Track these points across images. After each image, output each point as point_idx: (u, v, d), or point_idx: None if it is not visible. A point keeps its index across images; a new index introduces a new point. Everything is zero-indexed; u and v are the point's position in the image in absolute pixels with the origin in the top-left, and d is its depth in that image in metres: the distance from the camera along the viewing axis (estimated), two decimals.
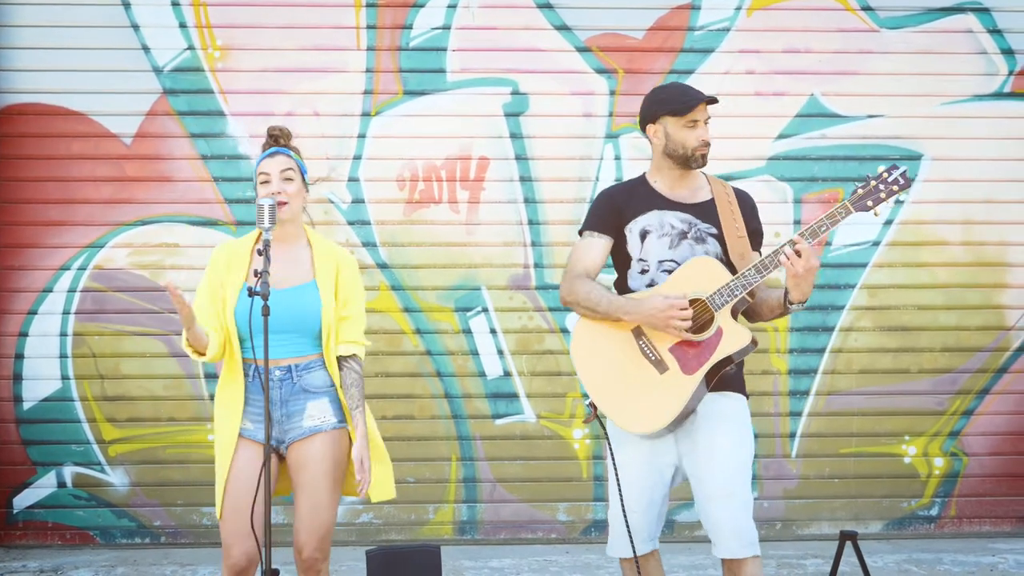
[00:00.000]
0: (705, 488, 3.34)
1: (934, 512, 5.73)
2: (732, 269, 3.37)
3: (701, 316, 3.29)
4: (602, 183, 5.57)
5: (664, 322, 3.27)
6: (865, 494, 5.70)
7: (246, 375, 3.46)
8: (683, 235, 3.44)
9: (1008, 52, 5.66)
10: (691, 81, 5.48)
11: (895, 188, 3.28)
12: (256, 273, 3.14)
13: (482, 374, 5.59)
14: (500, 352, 5.59)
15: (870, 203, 3.29)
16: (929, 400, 5.70)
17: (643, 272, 3.46)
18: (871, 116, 5.65)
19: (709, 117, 3.46)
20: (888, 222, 5.67)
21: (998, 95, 5.67)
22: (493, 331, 5.59)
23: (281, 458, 3.50)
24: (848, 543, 4.03)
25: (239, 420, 3.44)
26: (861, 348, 5.66)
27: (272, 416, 3.42)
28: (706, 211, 3.46)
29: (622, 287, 3.52)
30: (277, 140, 3.55)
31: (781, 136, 5.63)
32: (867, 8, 5.62)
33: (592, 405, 3.44)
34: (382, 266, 5.54)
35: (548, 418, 5.61)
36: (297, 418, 3.42)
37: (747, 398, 3.48)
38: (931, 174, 5.67)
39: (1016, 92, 5.68)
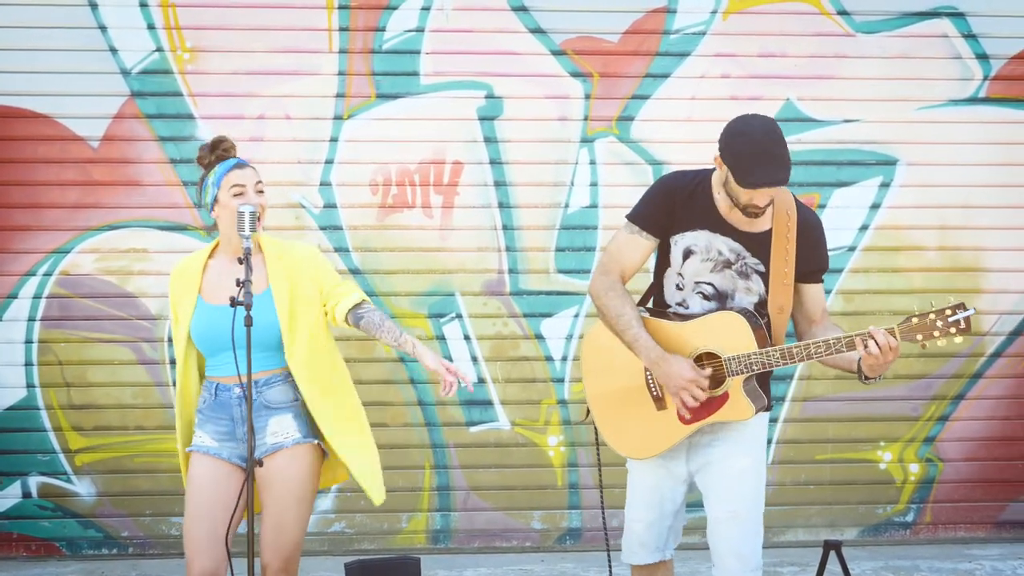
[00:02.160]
0: (713, 509, 3.32)
1: (910, 518, 5.82)
2: (763, 312, 3.26)
3: (715, 369, 3.22)
4: (577, 188, 5.64)
5: (677, 389, 3.20)
6: (841, 500, 5.78)
7: (205, 392, 3.46)
8: (728, 264, 3.29)
9: (983, 57, 5.75)
10: (666, 85, 5.64)
11: (952, 331, 3.04)
12: (238, 283, 3.17)
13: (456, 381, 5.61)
14: (474, 359, 5.63)
15: (920, 337, 3.08)
16: (904, 406, 5.79)
17: (678, 288, 3.36)
18: (847, 121, 5.73)
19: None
20: (864, 227, 5.76)
21: (973, 100, 5.77)
22: (467, 337, 5.63)
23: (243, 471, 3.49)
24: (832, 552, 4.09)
25: (190, 435, 3.48)
26: None
27: (235, 434, 3.44)
28: (760, 244, 3.26)
29: (657, 284, 3.43)
30: (234, 152, 3.57)
31: None
32: (843, 12, 5.71)
33: (588, 411, 3.49)
34: (354, 271, 5.57)
35: (523, 425, 5.66)
36: (259, 435, 3.41)
37: (770, 408, 3.38)
38: (907, 179, 5.76)
39: (991, 97, 5.77)
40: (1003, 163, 5.78)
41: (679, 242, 3.33)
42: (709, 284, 3.32)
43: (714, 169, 3.31)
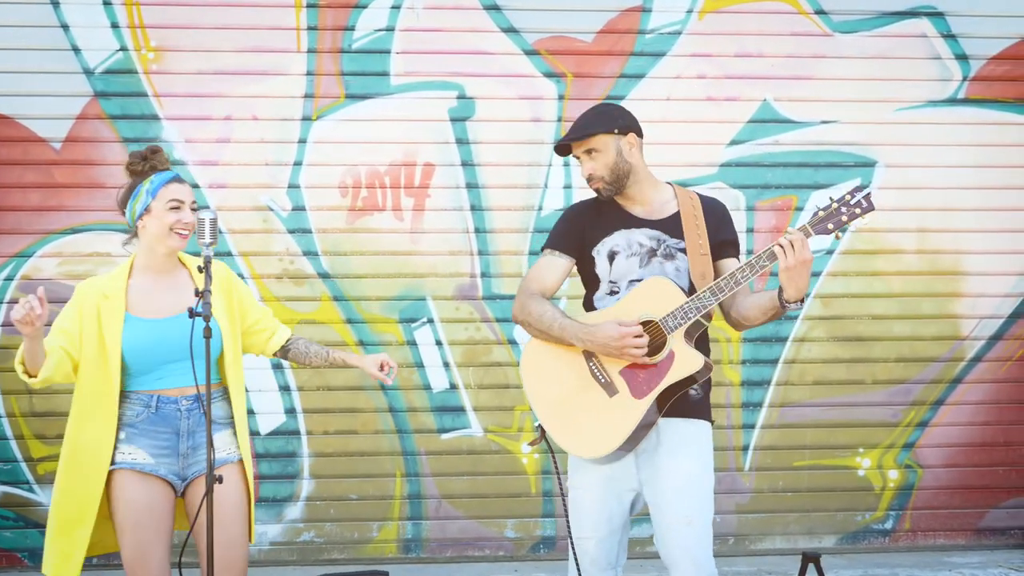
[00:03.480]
0: (664, 516, 3.33)
1: (888, 526, 5.81)
2: (694, 288, 3.33)
3: (654, 339, 3.27)
4: (551, 190, 5.61)
5: (619, 351, 3.24)
6: (819, 508, 5.77)
7: (139, 406, 3.37)
8: (652, 253, 3.41)
9: (962, 57, 5.75)
10: (642, 85, 5.63)
11: (857, 211, 3.16)
12: (197, 293, 3.12)
13: (427, 387, 5.59)
14: (446, 364, 5.60)
15: (830, 226, 3.17)
16: (883, 412, 5.78)
17: (613, 293, 3.43)
18: (825, 122, 5.72)
19: (591, 149, 3.39)
20: (842, 229, 5.72)
21: (953, 101, 5.76)
22: (439, 343, 5.60)
23: (177, 494, 3.43)
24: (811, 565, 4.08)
25: (109, 453, 3.33)
26: (815, 359, 5.73)
27: (177, 449, 3.38)
28: (673, 226, 3.42)
29: (589, 307, 3.50)
30: (167, 164, 3.51)
31: (733, 142, 5.68)
32: (820, 12, 5.69)
33: (541, 427, 3.45)
34: (324, 276, 5.53)
35: (495, 432, 5.63)
36: (202, 450, 3.37)
37: (712, 424, 3.45)
38: (885, 181, 5.75)
39: (971, 98, 5.77)
40: (983, 165, 5.77)
41: (601, 250, 3.46)
42: (641, 280, 3.39)
43: None
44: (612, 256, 3.43)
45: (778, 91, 5.70)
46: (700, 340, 3.38)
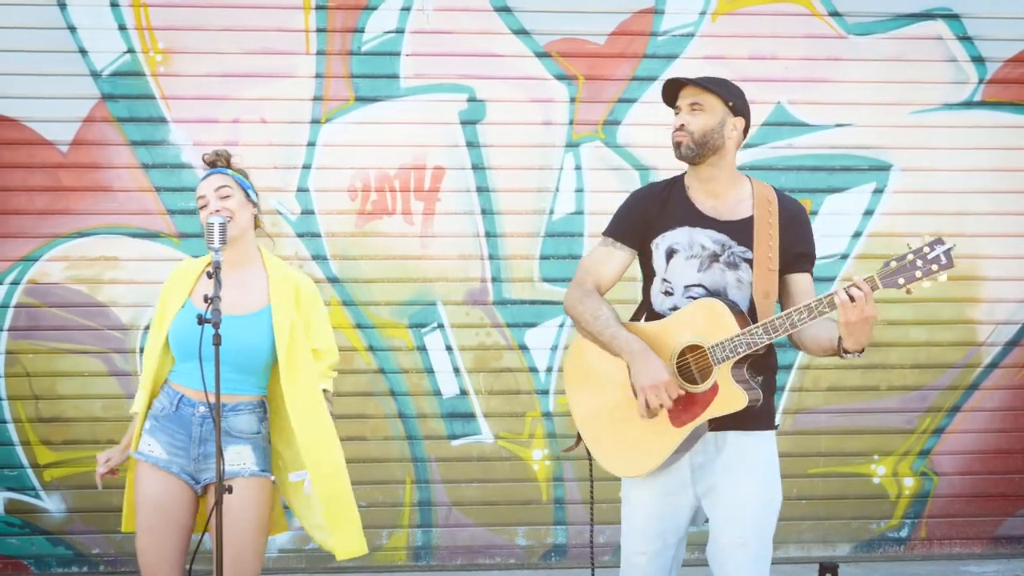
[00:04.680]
0: (719, 535, 3.21)
1: (904, 534, 5.79)
2: (754, 306, 3.19)
3: (701, 365, 3.15)
4: (563, 194, 5.60)
5: (648, 388, 3.10)
6: (833, 516, 5.75)
7: (165, 400, 3.41)
8: (715, 257, 3.22)
9: (978, 60, 5.73)
10: (654, 88, 5.62)
11: (934, 268, 2.86)
12: (206, 299, 3.09)
13: (437, 393, 5.58)
14: (456, 370, 5.59)
15: (901, 280, 2.90)
16: (899, 418, 5.76)
17: (667, 294, 3.28)
18: (839, 125, 5.70)
19: (697, 103, 3.23)
20: (856, 234, 5.73)
21: (969, 104, 5.75)
22: (449, 348, 5.59)
23: (195, 494, 3.45)
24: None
25: (138, 436, 3.42)
26: (829, 365, 5.71)
27: (189, 452, 3.39)
28: (743, 231, 3.21)
29: (646, 300, 3.37)
30: (213, 164, 3.53)
31: (747, 145, 5.64)
32: (835, 14, 5.68)
33: (579, 434, 3.40)
34: (333, 280, 5.52)
35: (506, 439, 5.62)
36: (213, 460, 3.37)
37: (776, 428, 3.30)
38: (901, 185, 5.73)
39: (986, 101, 5.75)
40: (999, 168, 5.75)
41: (660, 244, 3.29)
42: (699, 286, 3.25)
43: (684, 173, 3.37)
44: (670, 254, 3.26)
45: (792, 94, 5.69)
46: (761, 380, 3.23)
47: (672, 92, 3.34)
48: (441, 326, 5.58)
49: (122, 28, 5.42)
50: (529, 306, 5.60)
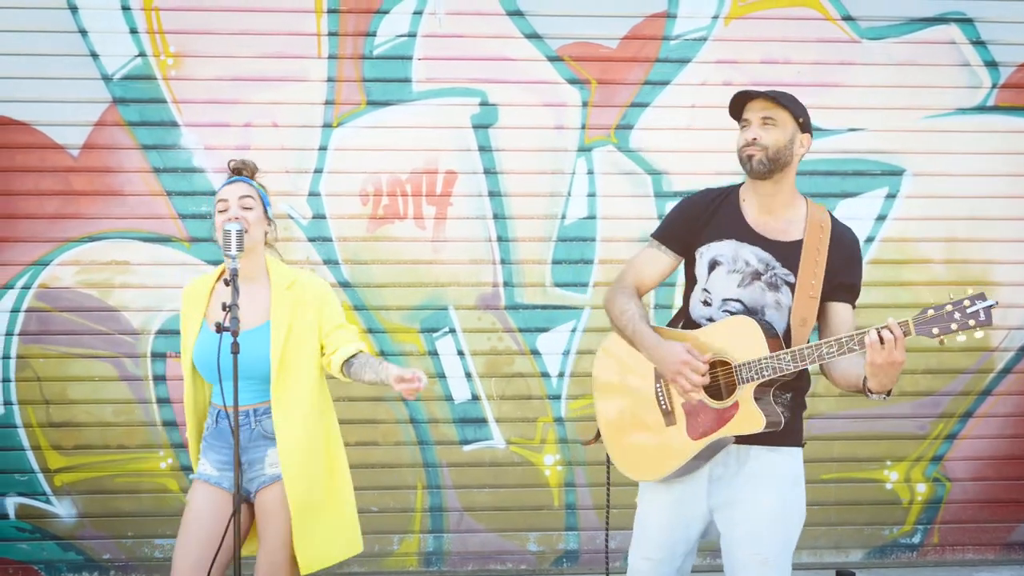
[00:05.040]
0: (738, 552, 3.18)
1: (916, 540, 5.79)
2: (790, 330, 3.16)
3: (728, 380, 3.15)
4: (574, 198, 5.59)
5: (672, 374, 3.11)
6: (846, 521, 5.75)
7: (210, 418, 3.50)
8: (757, 275, 3.21)
9: (992, 64, 5.73)
10: (666, 93, 5.60)
11: (971, 323, 2.82)
12: (224, 307, 3.11)
13: (449, 398, 5.58)
14: (468, 375, 5.58)
15: (935, 331, 2.88)
16: (911, 424, 5.76)
17: (705, 304, 3.26)
18: (852, 130, 5.70)
19: (770, 118, 3.19)
20: (869, 239, 5.73)
21: (981, 108, 5.74)
22: (461, 353, 5.58)
23: (250, 505, 3.49)
24: None
25: (198, 458, 3.50)
26: None
27: (232, 463, 3.41)
28: (790, 254, 3.18)
29: (685, 307, 3.37)
30: (239, 172, 3.54)
31: None
32: (848, 18, 5.67)
33: (599, 431, 3.43)
34: (344, 284, 5.52)
35: (518, 444, 5.61)
36: (259, 465, 3.41)
37: (803, 446, 3.26)
38: (913, 190, 5.72)
39: (1000, 105, 5.74)
40: (1012, 174, 5.75)
41: (704, 254, 3.28)
42: (737, 301, 3.23)
43: (742, 183, 3.34)
44: (713, 265, 3.25)
45: (805, 98, 5.48)
46: (788, 402, 3.22)
47: (739, 105, 3.29)
48: (453, 331, 5.57)
49: (133, 32, 5.41)
50: (541, 311, 5.59)
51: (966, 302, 2.83)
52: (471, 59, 5.55)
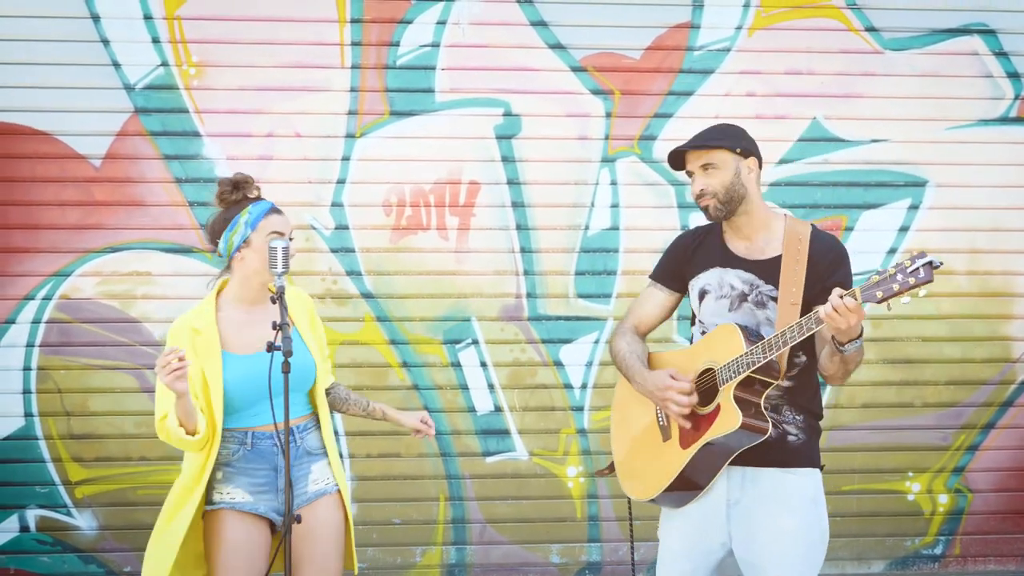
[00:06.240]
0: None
1: (938, 551, 5.82)
2: None
3: (713, 388, 3.20)
4: (598, 209, 5.61)
5: (661, 402, 3.26)
6: (868, 533, 5.78)
7: (234, 444, 3.38)
8: (744, 297, 3.28)
9: (1014, 75, 5.76)
10: (690, 103, 5.64)
11: (911, 281, 2.82)
12: (275, 326, 3.10)
13: (472, 409, 5.60)
14: (491, 386, 5.60)
15: (879, 294, 2.86)
16: (933, 435, 5.79)
17: (703, 334, 3.34)
18: (875, 141, 5.73)
19: (709, 164, 3.26)
20: (892, 250, 5.76)
21: (1004, 120, 5.78)
22: (484, 364, 5.60)
23: (274, 529, 3.44)
24: None
25: (201, 495, 3.33)
26: (864, 381, 5.74)
27: (275, 485, 3.39)
28: (771, 270, 3.25)
29: (692, 341, 3.44)
30: (259, 192, 3.52)
31: (783, 161, 5.69)
32: (871, 29, 5.70)
33: (612, 463, 3.50)
34: (367, 296, 5.53)
35: (541, 455, 5.63)
36: (302, 483, 3.40)
37: (822, 469, 3.29)
38: (936, 201, 5.76)
39: (1022, 117, 5.78)
40: None
41: (695, 286, 3.40)
42: None
43: None
44: (703, 294, 3.36)
45: (828, 109, 5.71)
46: (797, 399, 3.25)
47: (679, 160, 3.40)
48: (476, 342, 5.59)
49: (156, 41, 5.41)
50: (564, 322, 5.61)
51: (906, 262, 2.86)
52: (494, 69, 5.57)
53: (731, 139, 3.32)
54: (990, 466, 5.82)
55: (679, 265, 3.45)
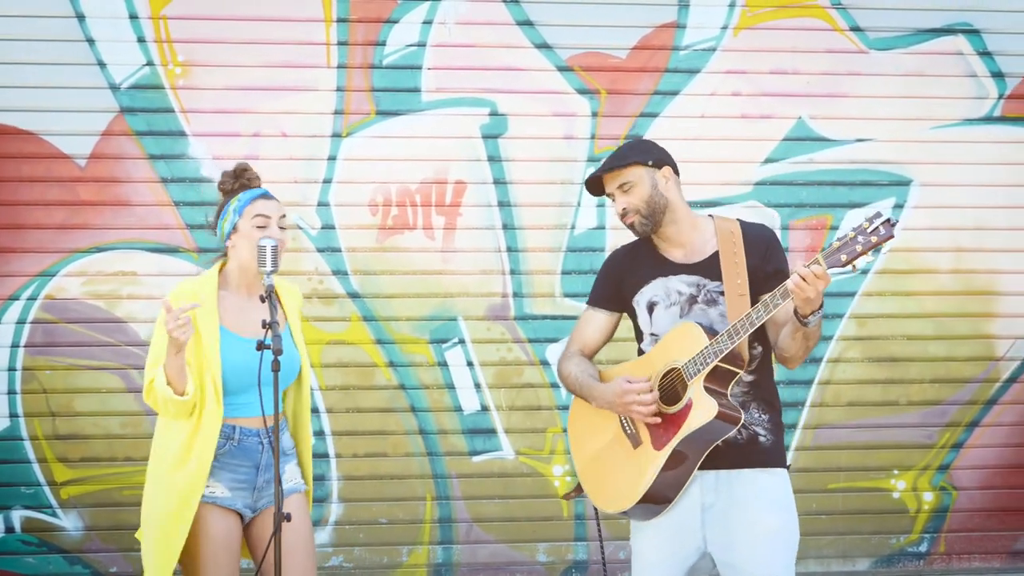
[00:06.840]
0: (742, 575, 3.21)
1: (923, 548, 5.86)
2: None
3: (680, 384, 3.19)
4: (584, 208, 5.63)
5: (623, 409, 3.22)
6: (853, 530, 5.81)
7: (221, 438, 3.35)
8: (693, 300, 3.29)
9: (998, 75, 5.81)
10: (676, 103, 5.66)
11: (873, 239, 2.88)
12: (265, 324, 3.11)
13: (458, 409, 5.61)
14: (477, 386, 5.62)
15: (843, 257, 2.91)
16: (918, 433, 5.83)
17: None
18: (860, 140, 5.77)
19: (625, 183, 3.29)
20: (876, 249, 5.77)
21: (988, 119, 5.82)
22: (470, 364, 5.62)
23: (244, 523, 3.46)
24: None
25: (202, 483, 3.31)
26: (850, 380, 5.78)
27: (253, 483, 3.41)
28: (712, 267, 3.28)
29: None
30: (253, 181, 3.54)
31: (768, 160, 5.72)
32: (856, 29, 5.74)
33: (579, 484, 3.46)
34: (353, 295, 5.54)
35: (527, 455, 5.66)
36: (272, 485, 3.38)
37: (788, 468, 3.32)
38: (920, 200, 5.80)
39: (1006, 116, 5.83)
40: (1018, 184, 5.84)
41: (640, 301, 3.37)
42: None
43: None
44: (651, 307, 3.35)
45: (813, 109, 5.75)
46: (763, 397, 3.29)
47: (596, 186, 3.42)
48: (462, 341, 5.61)
49: (141, 41, 5.42)
50: (550, 321, 5.64)
51: (865, 223, 2.91)
52: (481, 69, 5.59)
53: (641, 153, 3.35)
54: (975, 464, 5.86)
55: (617, 285, 3.43)
